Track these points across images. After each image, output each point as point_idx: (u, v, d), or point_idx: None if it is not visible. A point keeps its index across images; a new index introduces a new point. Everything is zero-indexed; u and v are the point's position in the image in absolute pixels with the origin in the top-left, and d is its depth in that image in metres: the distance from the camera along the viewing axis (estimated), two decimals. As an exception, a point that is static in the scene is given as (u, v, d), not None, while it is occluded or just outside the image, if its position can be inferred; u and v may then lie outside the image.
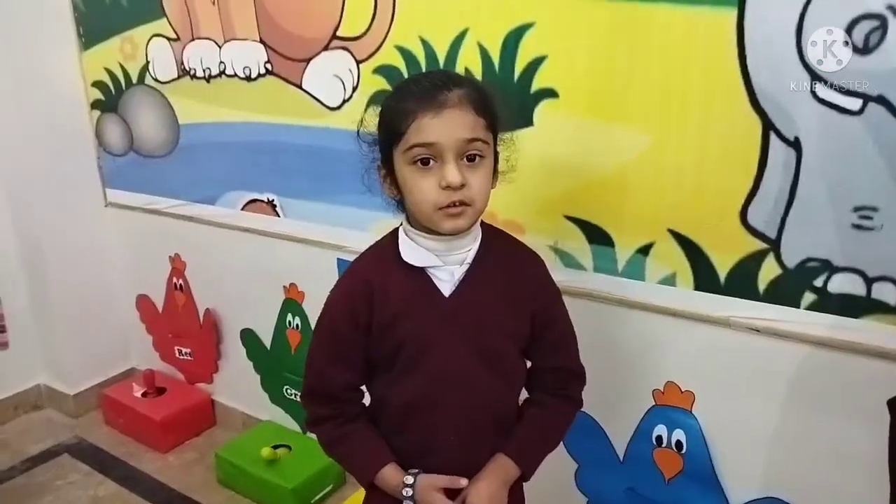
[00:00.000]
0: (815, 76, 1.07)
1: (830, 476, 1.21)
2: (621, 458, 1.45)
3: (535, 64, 1.32)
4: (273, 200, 1.89)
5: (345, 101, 1.63)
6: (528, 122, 1.35)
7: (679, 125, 1.21)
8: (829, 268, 1.14)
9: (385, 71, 1.54)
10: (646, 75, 1.21)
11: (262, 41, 1.74)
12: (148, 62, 2.03)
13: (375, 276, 1.01)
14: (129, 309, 2.48)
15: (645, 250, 1.30)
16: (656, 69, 1.20)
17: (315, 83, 1.67)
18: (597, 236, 1.34)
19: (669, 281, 1.29)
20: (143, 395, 2.32)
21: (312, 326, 1.93)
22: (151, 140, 2.13)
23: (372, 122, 1.01)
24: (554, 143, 1.33)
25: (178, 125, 2.04)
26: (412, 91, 0.94)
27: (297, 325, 2.00)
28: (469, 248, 1.00)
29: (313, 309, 1.93)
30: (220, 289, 2.17)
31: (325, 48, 1.62)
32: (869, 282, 1.11)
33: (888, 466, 0.94)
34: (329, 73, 1.62)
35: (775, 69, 1.10)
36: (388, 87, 1.54)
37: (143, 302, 2.45)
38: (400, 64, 1.51)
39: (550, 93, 1.32)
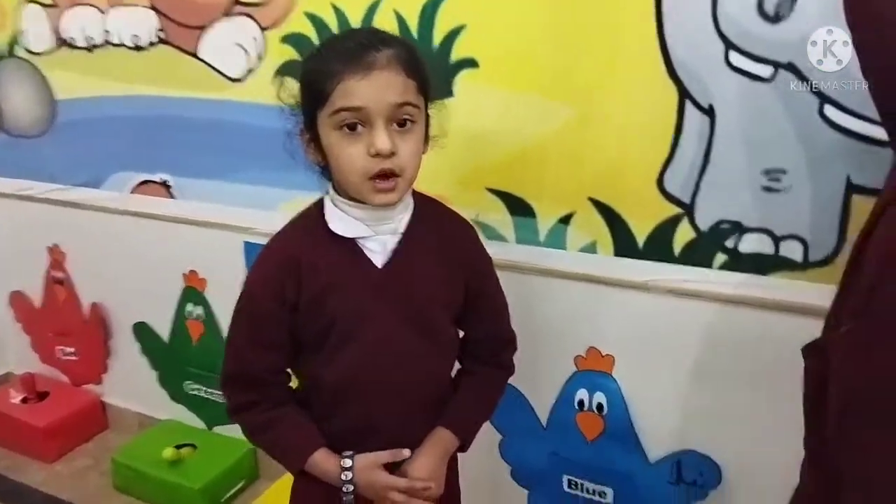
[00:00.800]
0: (730, 44, 1.11)
1: (745, 426, 1.28)
2: (544, 424, 1.46)
3: (454, 33, 1.30)
4: (167, 181, 1.76)
5: (248, 73, 1.53)
6: (447, 92, 1.32)
7: (599, 96, 1.22)
8: (739, 229, 1.19)
9: (294, 40, 1.45)
10: (566, 47, 1.22)
11: (153, 7, 1.60)
12: (19, 31, 1.82)
13: (302, 250, 0.95)
14: (2, 307, 2.23)
15: (566, 220, 1.31)
16: (576, 41, 1.21)
17: (214, 53, 1.56)
18: (518, 208, 1.34)
19: (590, 249, 1.31)
20: (23, 401, 2.09)
21: (217, 315, 1.83)
22: (23, 118, 1.92)
23: (292, 87, 0.94)
24: (475, 115, 1.31)
25: (55, 101, 1.85)
26: (337, 50, 0.89)
27: (199, 314, 1.87)
28: (401, 216, 0.96)
29: (218, 297, 1.81)
30: (108, 281, 2.00)
31: (226, 14, 1.51)
32: (777, 240, 1.17)
33: (803, 408, 0.99)
34: (230, 42, 1.52)
35: (691, 39, 1.13)
36: (297, 56, 1.46)
37: (18, 299, 2.21)
38: (310, 32, 1.43)
39: (471, 62, 1.29)
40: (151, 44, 1.63)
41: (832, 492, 0.88)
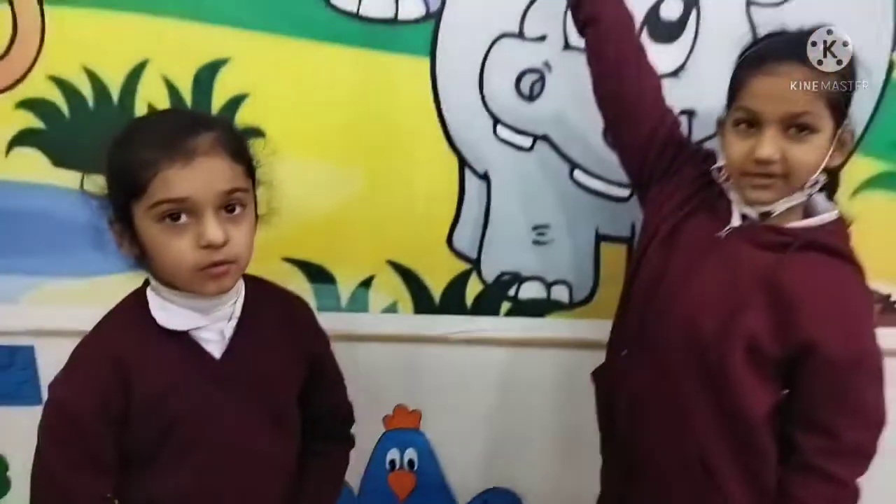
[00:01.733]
0: (496, 119, 1.28)
1: (541, 456, 1.43)
2: (357, 492, 1.46)
3: (236, 102, 1.26)
4: None
5: (-32, 142, 1.28)
6: (232, 163, 1.27)
7: (388, 164, 1.30)
8: (518, 279, 1.36)
9: (35, 105, 1.26)
10: (356, 116, 1.27)
11: None
12: None
13: (125, 352, 0.84)
14: None
15: (367, 283, 1.35)
16: (363, 112, 1.27)
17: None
18: (317, 275, 1.34)
19: (392, 309, 1.36)
20: None
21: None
22: None
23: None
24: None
25: None
26: (151, 135, 0.82)
27: None
28: (234, 300, 0.91)
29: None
30: None
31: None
32: (548, 286, 1.36)
33: (598, 421, 1.17)
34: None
35: (464, 115, 1.28)
36: (40, 124, 1.27)
37: None
38: (57, 98, 1.26)
39: (256, 132, 1.27)
40: None
41: (628, 479, 1.09)
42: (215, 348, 0.88)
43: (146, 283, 0.89)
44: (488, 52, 1.24)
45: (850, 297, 0.92)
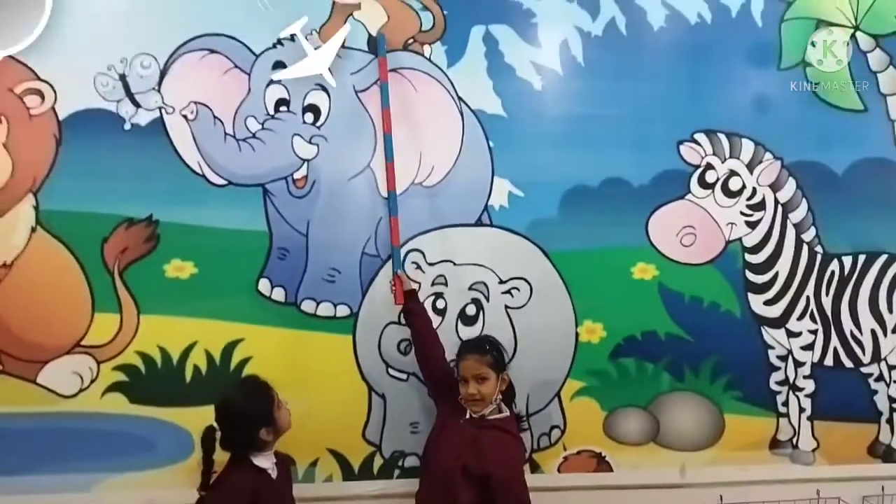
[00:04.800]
0: (388, 365, 2.38)
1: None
2: None
3: (244, 362, 2.29)
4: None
5: (81, 391, 2.20)
6: (241, 395, 2.27)
7: (331, 390, 2.34)
8: (403, 454, 2.37)
9: (124, 368, 2.23)
10: (313, 366, 2.33)
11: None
12: None
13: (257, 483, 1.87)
14: None
15: (314, 463, 2.31)
16: (317, 361, 2.33)
17: (52, 379, 2.17)
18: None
19: (329, 479, 2.32)
20: None
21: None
22: None
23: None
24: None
25: None
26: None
27: None
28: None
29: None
30: None
31: (68, 353, 2.18)
32: (420, 457, 2.39)
33: None
34: (68, 371, 2.17)
35: (371, 361, 2.37)
36: (125, 378, 2.22)
37: None
38: (139, 363, 2.23)
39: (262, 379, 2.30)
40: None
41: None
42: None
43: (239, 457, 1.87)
44: (381, 334, 2.38)
45: (513, 451, 2.10)
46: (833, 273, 2.50)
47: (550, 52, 2.41)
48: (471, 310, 2.37)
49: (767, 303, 2.48)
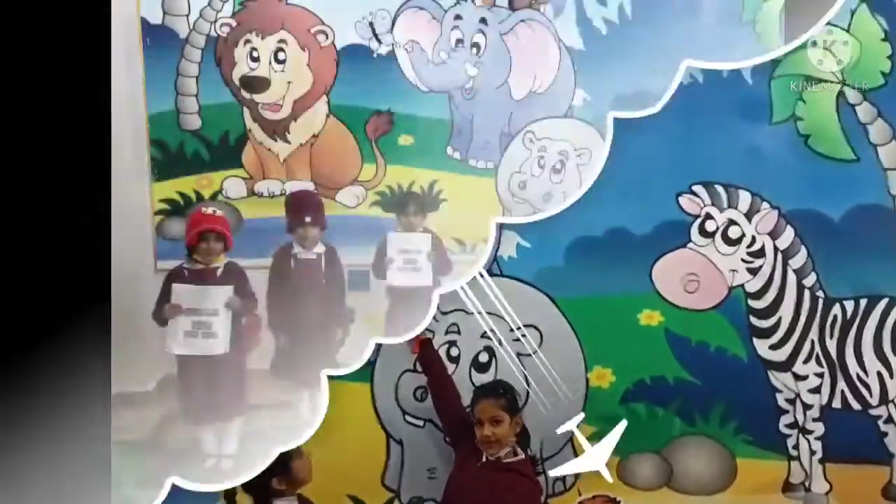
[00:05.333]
0: (404, 412, 2.48)
1: None
2: None
3: (268, 409, 2.41)
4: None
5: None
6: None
7: (350, 437, 2.43)
8: (422, 500, 2.44)
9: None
10: (332, 413, 2.42)
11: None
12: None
13: None
14: None
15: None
16: (336, 408, 2.44)
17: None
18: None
19: (350, 523, 2.40)
20: None
21: None
22: None
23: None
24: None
25: None
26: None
27: None
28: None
29: None
30: None
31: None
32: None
33: None
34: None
35: (389, 408, 2.47)
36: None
37: None
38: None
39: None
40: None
41: None
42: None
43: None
44: (398, 382, 2.49)
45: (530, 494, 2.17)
46: (836, 317, 2.56)
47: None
48: (483, 357, 2.48)
49: (773, 347, 2.54)
